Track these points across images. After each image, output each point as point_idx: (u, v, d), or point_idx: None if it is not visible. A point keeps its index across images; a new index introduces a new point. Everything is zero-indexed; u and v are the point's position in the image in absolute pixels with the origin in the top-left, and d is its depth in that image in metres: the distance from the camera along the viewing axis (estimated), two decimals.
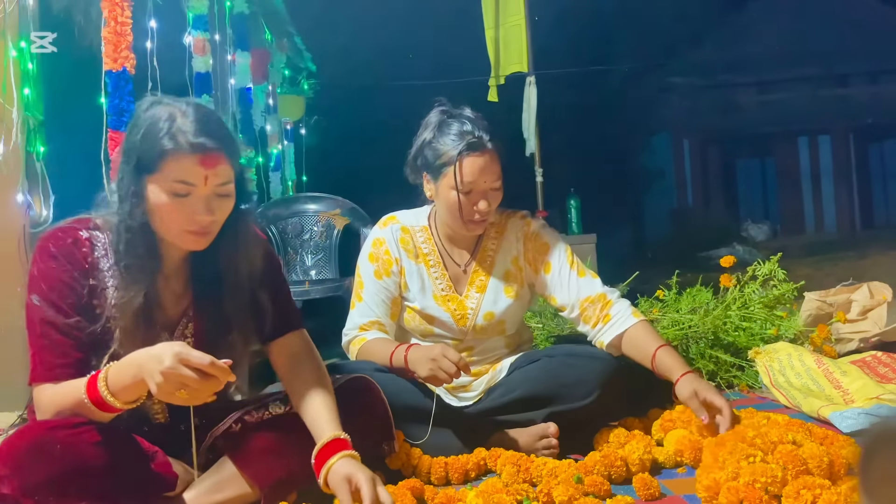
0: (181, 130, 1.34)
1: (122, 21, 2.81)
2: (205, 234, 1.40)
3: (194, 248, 1.43)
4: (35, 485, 1.28)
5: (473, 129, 1.85)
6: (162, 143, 1.34)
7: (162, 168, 1.35)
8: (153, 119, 1.36)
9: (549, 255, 1.98)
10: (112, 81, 2.81)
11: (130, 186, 1.37)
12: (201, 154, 1.35)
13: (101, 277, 1.41)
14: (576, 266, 1.98)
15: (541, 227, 2.02)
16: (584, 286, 1.95)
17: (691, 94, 14.77)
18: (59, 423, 1.34)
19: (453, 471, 1.74)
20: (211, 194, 1.38)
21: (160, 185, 1.36)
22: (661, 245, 11.82)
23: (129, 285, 1.38)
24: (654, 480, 1.56)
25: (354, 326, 1.98)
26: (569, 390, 1.85)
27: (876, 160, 15.52)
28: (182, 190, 1.35)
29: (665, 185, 15.09)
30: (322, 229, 4.24)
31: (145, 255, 1.39)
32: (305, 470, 1.47)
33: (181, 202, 1.36)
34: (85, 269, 1.40)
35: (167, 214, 1.37)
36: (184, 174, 1.35)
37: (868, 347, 2.63)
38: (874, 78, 14.67)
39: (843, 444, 1.64)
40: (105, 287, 1.41)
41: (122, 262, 1.39)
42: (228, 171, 1.39)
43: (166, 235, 1.41)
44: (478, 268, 2.00)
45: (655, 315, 2.64)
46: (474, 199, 1.86)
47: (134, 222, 1.37)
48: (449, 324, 1.99)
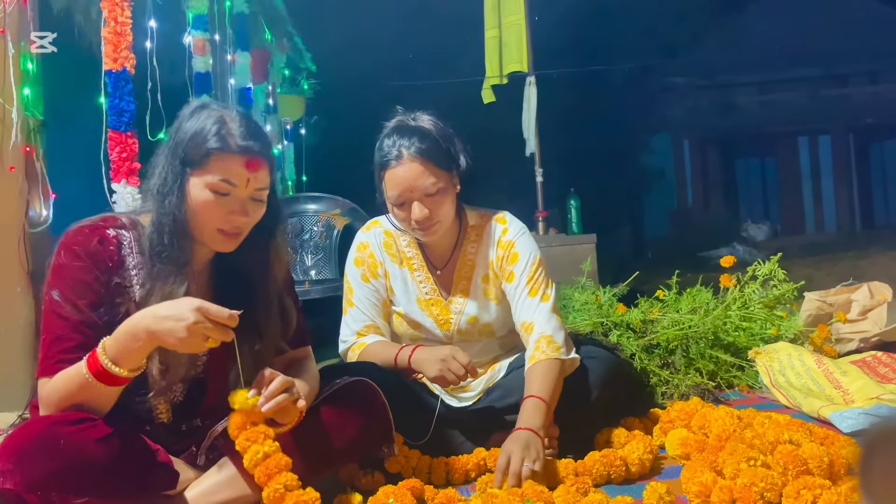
0: (230, 133, 1.41)
1: (122, 21, 2.81)
2: (236, 236, 1.45)
3: (223, 249, 1.47)
4: (38, 480, 1.28)
5: (396, 141, 1.81)
6: (210, 143, 1.40)
7: (207, 166, 1.40)
8: (203, 119, 1.42)
9: (515, 266, 1.91)
10: (112, 81, 2.81)
11: (175, 181, 1.41)
12: (247, 157, 1.41)
13: (126, 276, 1.43)
14: (531, 283, 1.89)
15: (517, 234, 1.95)
16: (526, 309, 1.87)
17: (691, 94, 14.78)
18: (63, 419, 1.34)
19: (453, 471, 1.74)
20: (248, 197, 1.44)
21: (204, 181, 1.41)
22: (661, 245, 11.81)
23: (167, 277, 1.41)
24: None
25: (351, 333, 1.97)
26: (569, 390, 1.84)
27: (876, 160, 15.52)
28: (224, 189, 1.41)
29: (665, 185, 15.08)
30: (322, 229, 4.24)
31: (182, 248, 1.43)
32: (306, 471, 1.47)
33: (220, 201, 1.41)
34: (109, 268, 1.42)
35: (204, 211, 1.41)
36: (228, 174, 1.40)
37: (868, 347, 2.63)
38: (874, 78, 14.67)
39: (844, 444, 1.64)
40: (130, 285, 1.43)
41: (163, 253, 1.41)
42: (267, 178, 1.46)
43: (199, 234, 1.44)
44: (460, 271, 1.98)
45: (655, 315, 2.64)
46: (407, 209, 1.82)
47: (179, 214, 1.41)
48: (432, 329, 1.98)
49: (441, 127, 1.88)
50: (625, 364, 1.92)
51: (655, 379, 2.38)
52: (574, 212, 4.79)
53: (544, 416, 1.68)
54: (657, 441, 1.86)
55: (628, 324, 2.62)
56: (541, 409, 1.69)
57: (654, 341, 2.53)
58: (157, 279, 1.41)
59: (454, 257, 1.98)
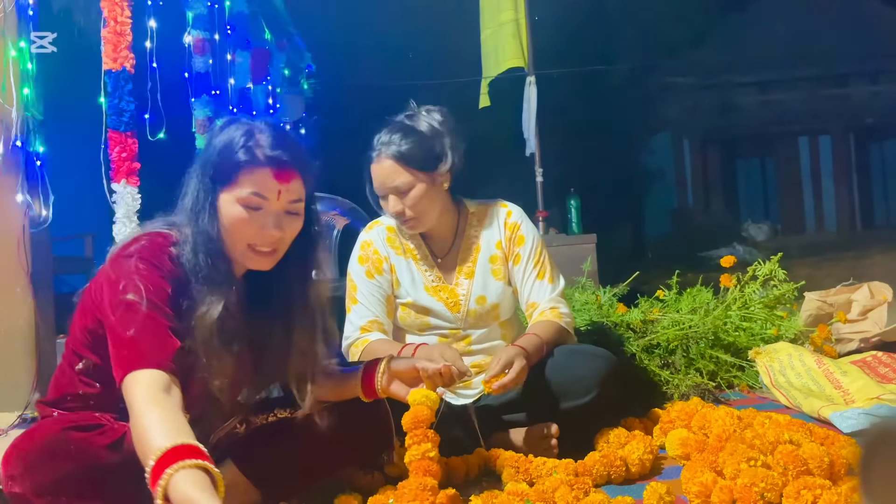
0: (258, 145, 1.37)
1: (121, 21, 2.81)
2: (271, 254, 1.40)
3: (258, 268, 1.42)
4: (47, 485, 1.28)
5: (381, 138, 1.91)
6: (238, 156, 1.36)
7: (237, 180, 1.36)
8: (231, 133, 1.39)
9: (522, 248, 2.02)
10: (112, 81, 2.81)
11: (206, 199, 1.37)
12: (276, 168, 1.36)
13: (188, 294, 1.36)
14: (539, 266, 2.01)
15: (520, 217, 2.06)
16: (535, 290, 2.00)
17: (691, 94, 14.77)
18: (74, 423, 1.34)
19: (453, 471, 1.74)
20: (281, 210, 1.39)
21: (235, 197, 1.37)
22: (661, 245, 11.81)
23: (208, 296, 1.35)
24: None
25: (355, 328, 1.98)
26: (568, 388, 1.85)
27: (876, 160, 15.52)
28: (255, 203, 1.36)
29: (665, 185, 15.08)
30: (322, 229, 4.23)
31: (217, 269, 1.37)
32: (308, 475, 1.46)
33: (252, 215, 1.37)
34: (178, 285, 1.35)
35: (237, 227, 1.37)
36: (258, 186, 1.36)
37: (868, 347, 2.64)
38: (874, 78, 14.68)
39: (844, 444, 1.64)
40: (192, 302, 1.36)
41: (202, 273, 1.35)
42: (301, 188, 1.41)
43: (232, 251, 1.40)
44: (464, 256, 2.04)
45: (655, 315, 2.64)
46: (389, 201, 1.92)
47: (213, 232, 1.36)
48: (443, 313, 2.01)
49: (436, 126, 1.93)
50: (626, 363, 1.92)
51: (655, 379, 2.39)
52: (574, 212, 4.78)
53: (537, 350, 1.83)
54: (657, 441, 1.86)
55: (628, 324, 2.62)
56: (537, 344, 1.83)
57: (655, 341, 2.52)
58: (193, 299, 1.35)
59: (457, 243, 2.05)
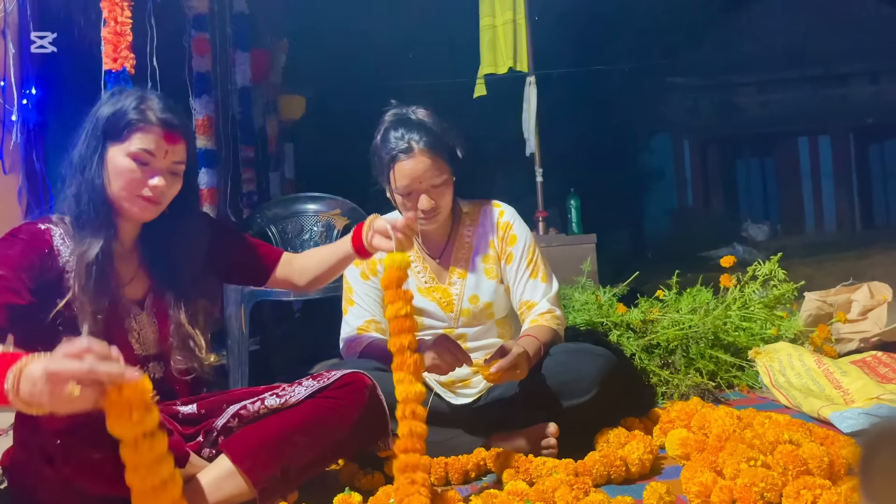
0: (150, 108, 1.50)
1: (121, 21, 2.80)
2: (155, 203, 1.52)
3: (143, 216, 1.53)
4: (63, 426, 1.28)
5: (405, 134, 1.89)
6: (131, 115, 1.49)
7: (128, 137, 1.48)
8: (122, 98, 1.52)
9: (514, 248, 2.03)
10: (112, 81, 2.81)
11: (94, 152, 1.49)
12: (166, 129, 1.50)
13: (63, 263, 1.48)
14: (532, 265, 2.02)
15: (512, 216, 2.07)
16: (529, 289, 2.01)
17: (691, 94, 14.76)
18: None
19: (453, 471, 1.74)
20: (166, 169, 1.52)
21: (124, 150, 1.49)
22: (661, 245, 11.80)
23: (87, 238, 1.47)
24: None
25: (352, 329, 1.99)
26: (568, 387, 1.86)
27: (876, 160, 15.50)
28: (144, 158, 1.49)
29: (665, 185, 15.07)
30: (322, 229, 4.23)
31: (99, 213, 1.49)
32: (302, 464, 1.47)
33: (140, 169, 1.49)
34: (44, 254, 1.47)
35: (124, 177, 1.49)
36: (148, 143, 1.49)
37: (868, 347, 2.63)
38: (874, 78, 14.65)
39: (844, 444, 1.64)
40: (70, 271, 1.48)
41: (84, 217, 1.48)
42: (184, 152, 1.55)
43: (120, 200, 1.50)
44: (456, 256, 2.05)
45: (655, 315, 2.64)
46: (414, 199, 1.91)
47: (98, 181, 1.48)
48: (436, 313, 2.02)
49: (439, 121, 1.95)
50: (625, 363, 1.93)
51: (655, 379, 2.39)
52: (574, 212, 4.78)
53: (535, 351, 1.83)
54: (657, 441, 1.86)
55: (628, 324, 2.62)
56: (535, 345, 1.85)
57: (654, 341, 2.52)
58: (78, 244, 1.47)
59: (450, 243, 2.05)
